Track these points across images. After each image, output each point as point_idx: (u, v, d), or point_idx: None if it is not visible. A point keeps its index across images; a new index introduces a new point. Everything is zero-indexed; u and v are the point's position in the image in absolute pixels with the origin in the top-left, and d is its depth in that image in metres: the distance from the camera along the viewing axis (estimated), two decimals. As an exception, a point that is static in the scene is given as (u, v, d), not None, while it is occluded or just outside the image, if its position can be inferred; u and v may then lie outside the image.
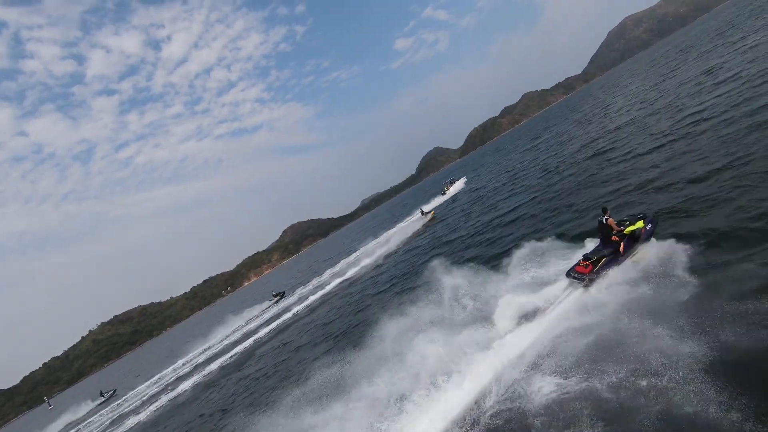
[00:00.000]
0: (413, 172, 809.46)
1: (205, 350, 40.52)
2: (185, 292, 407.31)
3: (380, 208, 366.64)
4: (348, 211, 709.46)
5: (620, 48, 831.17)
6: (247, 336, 34.21)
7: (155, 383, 37.24)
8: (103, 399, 43.98)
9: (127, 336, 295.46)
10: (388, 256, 34.75)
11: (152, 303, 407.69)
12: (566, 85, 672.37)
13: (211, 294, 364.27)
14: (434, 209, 43.02)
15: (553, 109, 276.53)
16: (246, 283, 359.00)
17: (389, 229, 48.78)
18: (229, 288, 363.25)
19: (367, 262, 36.51)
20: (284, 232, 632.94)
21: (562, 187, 23.48)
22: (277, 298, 46.31)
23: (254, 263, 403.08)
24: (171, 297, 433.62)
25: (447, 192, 47.64)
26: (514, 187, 32.58)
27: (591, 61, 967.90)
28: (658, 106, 29.87)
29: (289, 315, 33.38)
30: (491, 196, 34.45)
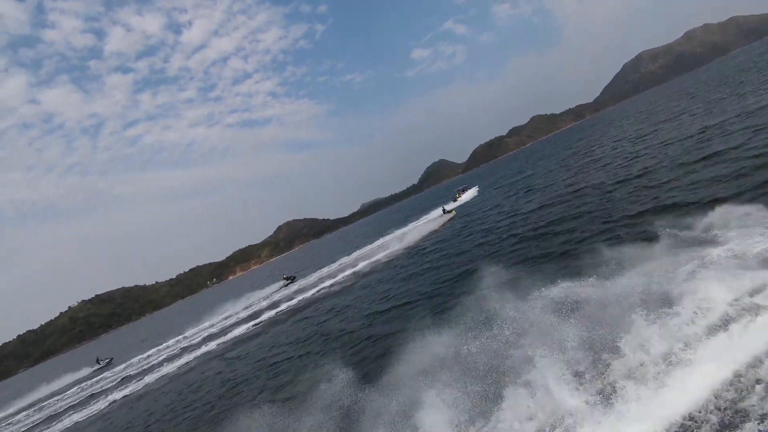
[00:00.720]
0: (416, 181, 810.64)
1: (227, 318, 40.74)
2: (171, 279, 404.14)
3: (378, 214, 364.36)
4: (345, 214, 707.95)
5: (634, 80, 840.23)
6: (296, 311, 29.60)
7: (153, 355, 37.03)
8: (99, 366, 44.40)
9: (104, 317, 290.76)
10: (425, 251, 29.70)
11: (137, 286, 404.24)
12: (576, 112, 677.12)
13: (196, 283, 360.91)
14: (455, 209, 44.36)
15: (560, 135, 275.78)
16: (231, 277, 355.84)
17: (385, 236, 48.50)
18: (215, 279, 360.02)
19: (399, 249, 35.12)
20: (278, 228, 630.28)
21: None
22: (288, 282, 46.17)
23: (243, 257, 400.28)
24: (156, 282, 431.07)
25: (459, 199, 48.77)
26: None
27: (604, 91, 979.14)
28: (625, 172, 25.27)
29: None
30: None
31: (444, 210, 43.91)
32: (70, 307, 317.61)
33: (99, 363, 45.21)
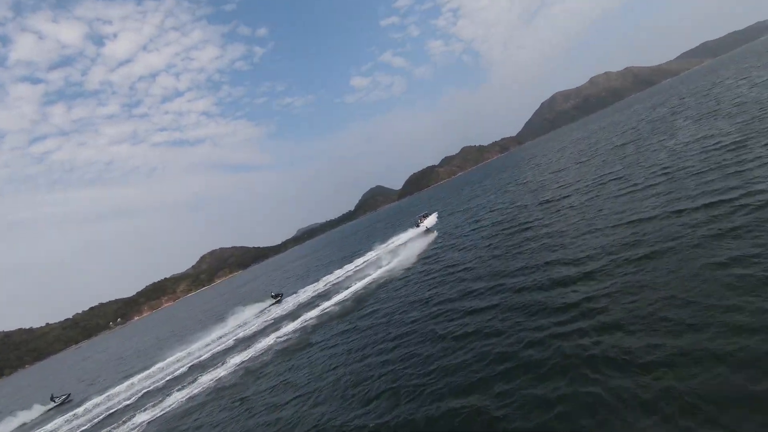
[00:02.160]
0: (351, 208, 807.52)
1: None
2: (66, 319, 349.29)
3: (313, 242, 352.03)
4: (278, 242, 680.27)
5: (550, 118, 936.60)
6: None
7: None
8: (54, 404, 38.86)
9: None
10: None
11: (20, 329, 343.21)
12: (502, 145, 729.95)
13: (95, 325, 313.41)
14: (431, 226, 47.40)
15: (487, 166, 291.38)
16: (136, 318, 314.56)
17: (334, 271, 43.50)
18: (119, 320, 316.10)
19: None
20: (202, 257, 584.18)
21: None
22: (277, 299, 44.19)
23: (156, 292, 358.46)
24: (47, 323, 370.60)
25: (421, 225, 50.73)
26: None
27: (525, 126, 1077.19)
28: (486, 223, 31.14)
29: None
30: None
31: (427, 228, 47.55)
32: None
33: (54, 401, 39.19)
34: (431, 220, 50.61)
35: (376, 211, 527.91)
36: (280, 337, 25.34)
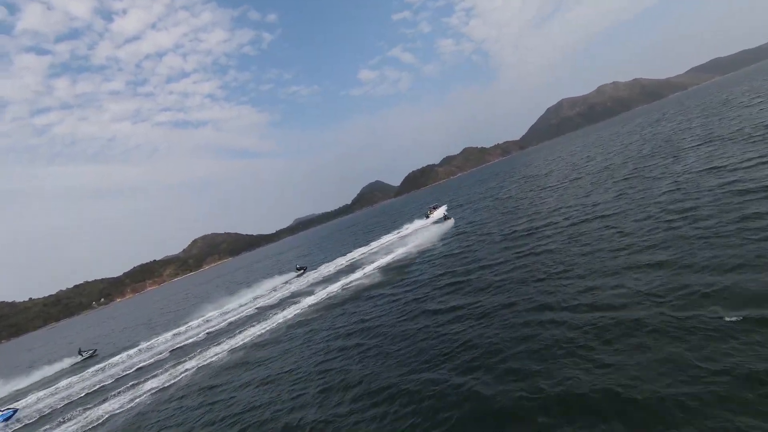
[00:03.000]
0: (348, 201, 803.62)
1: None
2: (49, 295, 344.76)
3: (308, 233, 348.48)
4: (272, 230, 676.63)
5: (555, 123, 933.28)
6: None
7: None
8: (81, 357, 41.24)
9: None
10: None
11: (3, 302, 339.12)
12: (504, 148, 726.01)
13: (78, 304, 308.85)
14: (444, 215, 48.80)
15: (488, 168, 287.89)
16: (119, 300, 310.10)
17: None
18: (102, 299, 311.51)
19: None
20: (194, 242, 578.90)
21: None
22: (301, 272, 47.23)
23: (143, 274, 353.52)
24: (30, 298, 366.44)
25: (430, 216, 52.39)
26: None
27: (529, 130, 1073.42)
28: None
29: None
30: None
31: (445, 215, 48.49)
32: None
33: (81, 354, 41.77)
34: (440, 211, 52.04)
35: (373, 207, 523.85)
36: (315, 302, 27.00)
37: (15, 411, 24.94)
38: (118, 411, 18.06)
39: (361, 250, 44.89)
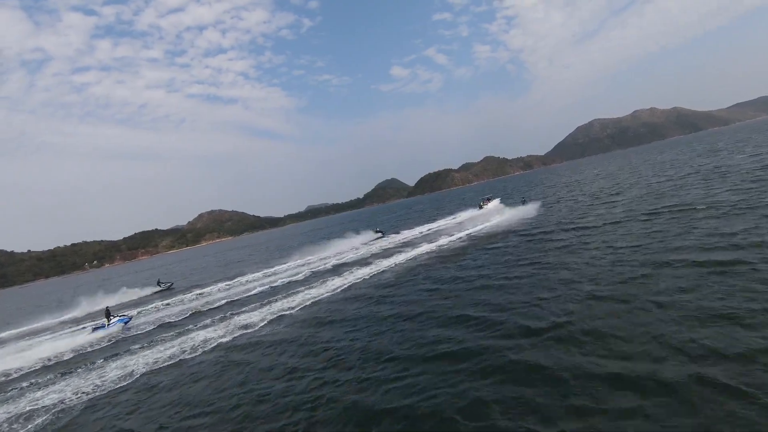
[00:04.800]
0: (360, 195, 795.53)
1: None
2: (47, 250, 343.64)
3: (316, 222, 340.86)
4: (282, 214, 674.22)
5: (583, 144, 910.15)
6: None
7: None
8: (160, 288, 43.83)
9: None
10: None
11: (3, 251, 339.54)
12: (526, 161, 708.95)
13: (72, 263, 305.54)
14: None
15: (506, 180, 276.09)
16: (108, 265, 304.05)
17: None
18: (95, 262, 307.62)
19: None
20: (200, 215, 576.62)
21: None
22: (379, 234, 50.48)
23: (140, 242, 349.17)
24: (29, 250, 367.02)
25: (484, 207, 52.24)
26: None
27: (555, 147, 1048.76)
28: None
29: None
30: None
31: (523, 200, 50.90)
32: None
33: (160, 285, 44.57)
34: (495, 203, 52.33)
35: (385, 204, 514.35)
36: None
37: (129, 318, 26.18)
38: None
39: (430, 226, 46.86)
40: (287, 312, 19.44)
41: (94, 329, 23.88)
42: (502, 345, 10.66)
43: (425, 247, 30.37)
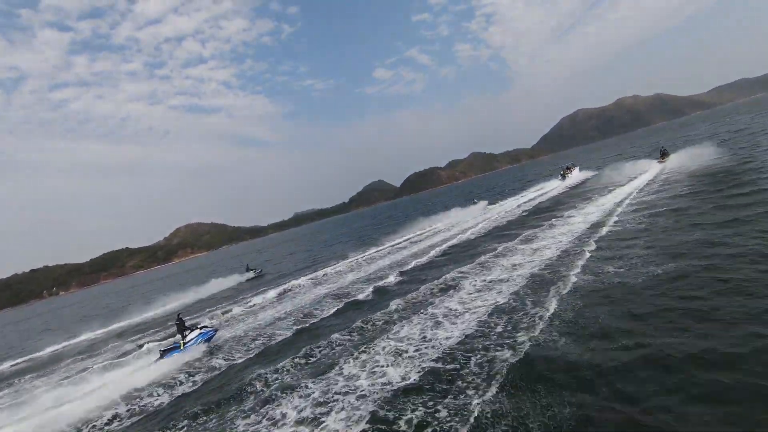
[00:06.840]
0: (346, 200, 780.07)
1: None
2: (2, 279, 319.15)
3: (300, 229, 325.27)
4: (265, 223, 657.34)
5: (569, 135, 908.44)
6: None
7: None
8: (252, 276, 41.82)
9: None
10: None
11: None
12: (513, 156, 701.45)
13: (29, 291, 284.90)
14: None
15: (494, 176, 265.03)
16: (63, 293, 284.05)
17: None
18: (54, 289, 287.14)
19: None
20: (177, 230, 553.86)
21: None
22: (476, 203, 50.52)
23: (109, 262, 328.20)
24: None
25: (568, 176, 52.30)
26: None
27: (541, 140, 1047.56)
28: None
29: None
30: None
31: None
32: None
33: (248, 272, 42.49)
34: (576, 172, 53.37)
35: (370, 207, 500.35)
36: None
37: (215, 331, 18.81)
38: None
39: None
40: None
41: (164, 353, 16.27)
42: None
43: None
